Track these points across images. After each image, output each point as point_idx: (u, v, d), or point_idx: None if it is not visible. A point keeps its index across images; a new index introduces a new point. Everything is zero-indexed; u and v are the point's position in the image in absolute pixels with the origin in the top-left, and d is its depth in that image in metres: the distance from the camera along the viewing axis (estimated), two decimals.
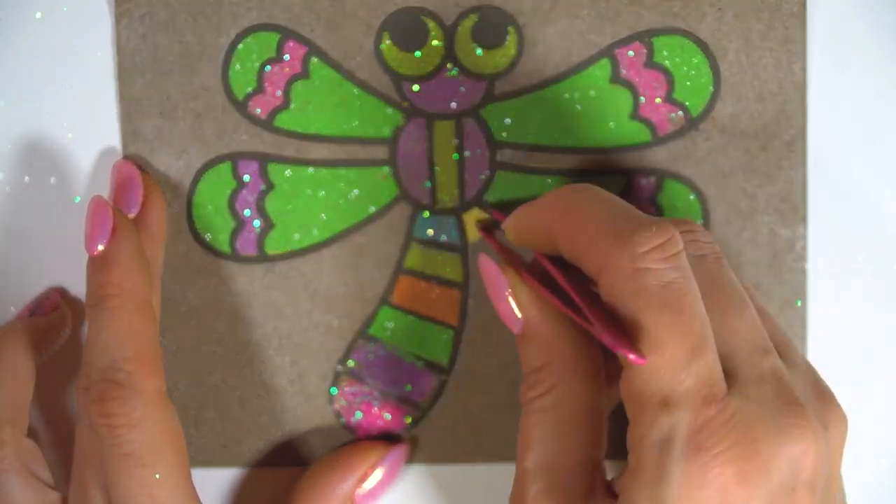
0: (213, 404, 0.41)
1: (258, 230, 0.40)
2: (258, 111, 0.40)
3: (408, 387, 0.41)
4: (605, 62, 0.40)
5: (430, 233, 0.40)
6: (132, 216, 0.39)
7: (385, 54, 0.40)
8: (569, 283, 0.33)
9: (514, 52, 0.40)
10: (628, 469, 0.32)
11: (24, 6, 0.40)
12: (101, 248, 0.37)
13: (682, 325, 0.31)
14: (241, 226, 0.40)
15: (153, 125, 0.40)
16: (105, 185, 0.40)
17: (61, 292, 0.41)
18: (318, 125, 0.40)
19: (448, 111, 0.40)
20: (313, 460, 0.41)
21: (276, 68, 0.40)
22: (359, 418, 0.41)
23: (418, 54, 0.40)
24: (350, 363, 0.41)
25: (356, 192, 0.40)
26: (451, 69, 0.40)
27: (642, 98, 0.40)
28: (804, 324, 0.40)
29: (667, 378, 0.31)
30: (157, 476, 0.35)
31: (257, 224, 0.40)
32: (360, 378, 0.41)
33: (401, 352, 0.41)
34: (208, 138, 0.40)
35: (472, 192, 0.40)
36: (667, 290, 0.31)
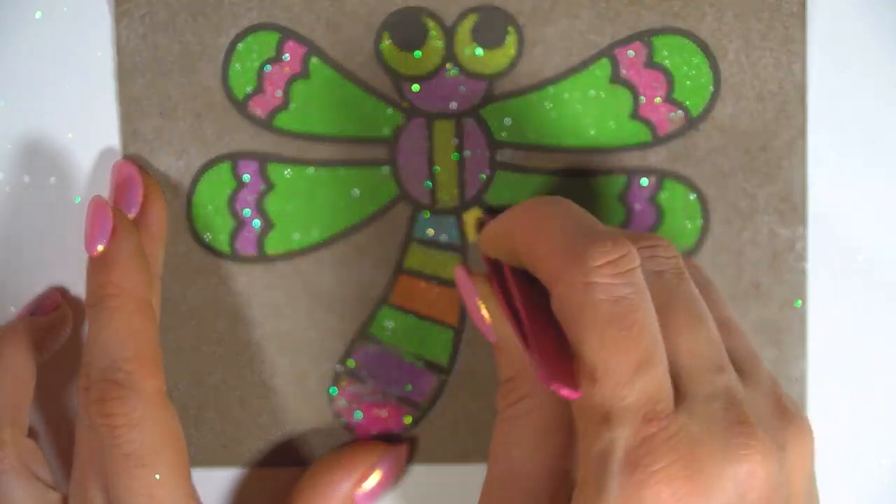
0: (213, 404, 0.41)
1: (258, 230, 0.40)
2: (258, 111, 0.40)
3: (408, 387, 0.41)
4: (605, 62, 0.40)
5: (431, 233, 0.40)
6: (132, 216, 0.39)
7: (385, 54, 0.40)
8: (526, 299, 0.33)
9: (514, 52, 0.40)
10: (577, 484, 0.32)
11: (24, 6, 0.40)
12: (100, 248, 0.37)
13: (627, 341, 0.30)
14: (240, 226, 0.40)
15: (153, 125, 0.40)
16: (105, 185, 0.40)
17: (61, 292, 0.41)
18: (318, 125, 0.40)
19: (448, 111, 0.40)
20: (313, 460, 0.41)
21: (276, 68, 0.40)
22: (359, 418, 0.41)
23: (418, 54, 0.40)
24: (350, 363, 0.41)
25: (356, 192, 0.40)
26: (451, 69, 0.40)
27: (642, 98, 0.40)
28: (804, 324, 0.40)
29: (608, 394, 0.30)
30: (157, 476, 0.35)
31: (257, 224, 0.40)
32: (360, 378, 0.41)
33: (401, 352, 0.41)
34: (208, 138, 0.40)
35: (472, 192, 0.40)
36: (616, 305, 0.30)
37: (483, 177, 0.40)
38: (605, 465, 0.30)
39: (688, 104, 0.40)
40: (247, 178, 0.40)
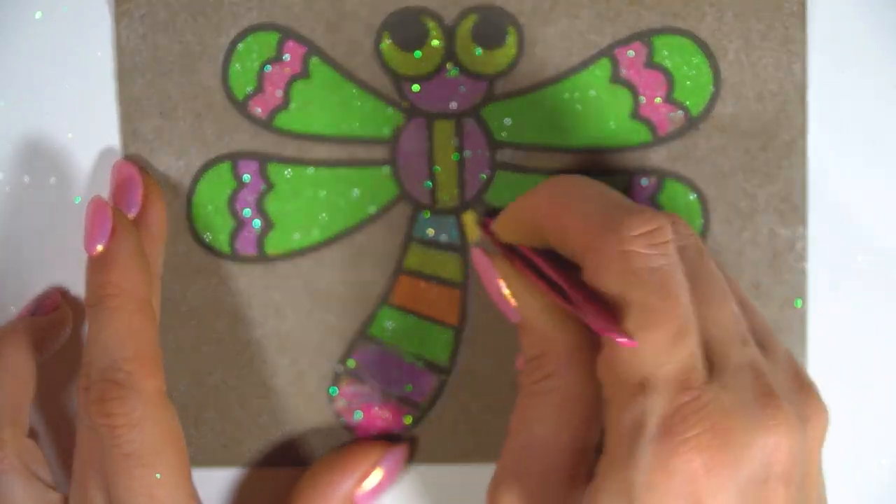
0: (213, 404, 0.41)
1: (258, 230, 0.40)
2: (258, 111, 0.40)
3: (408, 387, 0.41)
4: (605, 62, 0.40)
5: (431, 233, 0.40)
6: (132, 216, 0.39)
7: (385, 54, 0.40)
8: (555, 269, 0.34)
9: (514, 52, 0.40)
10: (603, 451, 0.32)
11: (24, 6, 0.40)
12: (100, 248, 0.37)
13: (668, 309, 0.31)
14: (240, 226, 0.40)
15: (153, 125, 0.40)
16: (105, 185, 0.40)
17: (62, 292, 0.41)
18: (318, 125, 0.40)
19: (448, 111, 0.40)
20: (313, 460, 0.41)
21: (276, 68, 0.40)
22: (359, 418, 0.41)
23: (418, 54, 0.40)
24: (350, 363, 0.41)
25: (356, 192, 0.40)
26: (451, 69, 0.40)
27: (642, 98, 0.40)
28: (804, 324, 0.40)
29: (648, 361, 0.31)
30: (157, 476, 0.35)
31: (257, 224, 0.40)
32: (360, 378, 0.41)
33: (401, 352, 0.41)
34: (208, 138, 0.40)
35: (472, 192, 0.40)
36: (655, 273, 0.31)
37: (483, 177, 0.40)
38: (637, 433, 0.30)
39: (688, 104, 0.40)
40: (247, 178, 0.40)
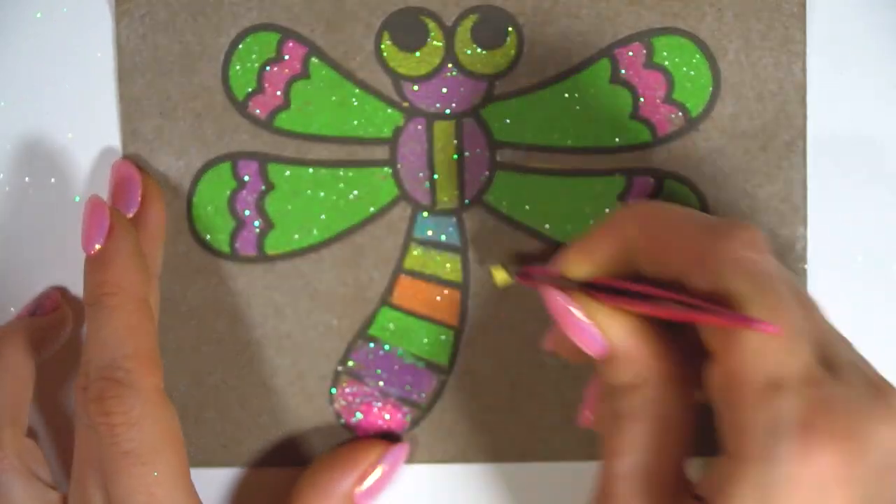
0: (213, 404, 0.41)
1: (258, 230, 0.40)
2: (258, 111, 0.40)
3: (408, 387, 0.41)
4: (605, 62, 0.40)
5: (430, 233, 0.40)
6: (131, 216, 0.39)
7: (385, 54, 0.40)
8: (652, 287, 0.34)
9: (514, 52, 0.40)
10: (725, 456, 0.32)
11: (24, 6, 0.40)
12: (98, 247, 0.37)
13: (787, 309, 0.31)
14: (240, 226, 0.40)
15: (153, 125, 0.40)
16: (105, 185, 0.40)
17: (61, 292, 0.41)
18: (318, 125, 0.40)
19: (448, 111, 0.40)
20: (313, 460, 0.41)
21: (276, 68, 0.40)
22: (359, 418, 0.41)
23: (418, 54, 0.40)
24: (350, 363, 0.41)
25: (356, 192, 0.40)
26: (451, 69, 0.40)
27: (642, 98, 0.40)
28: None
29: (774, 360, 0.31)
30: (155, 474, 0.35)
31: (257, 224, 0.40)
32: (360, 378, 0.41)
33: (401, 352, 0.41)
34: (208, 138, 0.40)
35: (472, 193, 0.40)
36: (770, 277, 0.32)
37: (483, 177, 0.40)
38: (776, 430, 0.31)
39: (688, 104, 0.40)
40: (247, 178, 0.40)
